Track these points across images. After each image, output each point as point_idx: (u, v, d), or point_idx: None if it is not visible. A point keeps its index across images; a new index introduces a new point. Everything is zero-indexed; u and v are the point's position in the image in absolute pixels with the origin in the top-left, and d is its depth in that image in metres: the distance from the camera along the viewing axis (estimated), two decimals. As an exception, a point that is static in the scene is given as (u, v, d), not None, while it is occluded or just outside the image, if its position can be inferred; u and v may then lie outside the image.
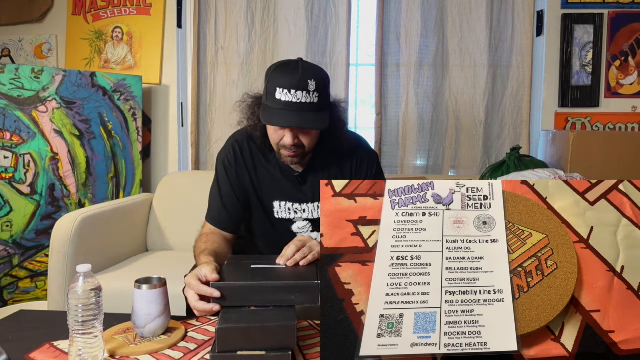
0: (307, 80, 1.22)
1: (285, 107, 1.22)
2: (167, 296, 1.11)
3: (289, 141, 1.26)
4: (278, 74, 1.25)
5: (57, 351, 1.03)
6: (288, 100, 1.22)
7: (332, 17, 2.54)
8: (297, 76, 1.22)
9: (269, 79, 1.26)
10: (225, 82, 2.60)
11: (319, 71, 1.28)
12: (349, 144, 1.42)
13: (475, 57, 2.51)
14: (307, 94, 1.22)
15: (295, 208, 1.42)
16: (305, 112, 1.23)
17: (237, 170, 1.41)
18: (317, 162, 1.40)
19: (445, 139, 2.58)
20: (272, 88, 1.24)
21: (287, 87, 1.21)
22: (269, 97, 1.25)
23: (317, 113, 1.25)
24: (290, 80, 1.22)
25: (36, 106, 2.16)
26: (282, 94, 1.22)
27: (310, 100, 1.23)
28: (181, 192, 2.34)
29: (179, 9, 2.60)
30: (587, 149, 2.02)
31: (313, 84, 1.22)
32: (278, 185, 1.41)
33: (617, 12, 2.44)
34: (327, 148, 1.38)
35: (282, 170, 1.40)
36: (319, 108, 1.25)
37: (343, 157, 1.42)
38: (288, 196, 1.41)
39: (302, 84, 1.21)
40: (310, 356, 1.01)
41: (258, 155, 1.42)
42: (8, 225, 2.12)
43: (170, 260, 2.07)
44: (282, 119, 1.24)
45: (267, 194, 1.42)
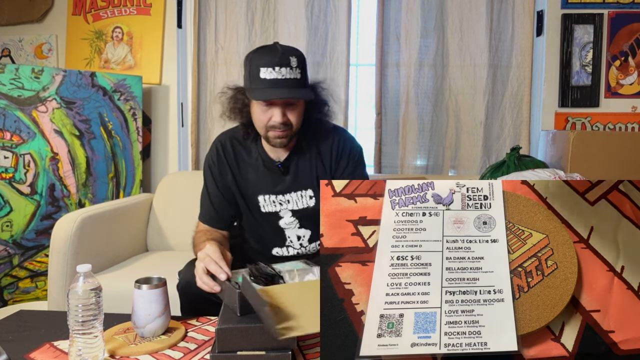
0: (288, 57, 1.27)
1: (271, 85, 1.27)
2: (167, 296, 1.11)
3: (278, 119, 1.30)
4: (259, 55, 1.30)
5: (57, 351, 1.03)
6: (273, 78, 1.26)
7: (332, 17, 2.54)
8: (277, 54, 1.27)
9: (251, 63, 1.31)
10: (225, 82, 2.58)
11: (297, 50, 1.34)
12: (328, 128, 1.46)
13: (475, 57, 2.51)
14: (290, 69, 1.27)
15: (280, 200, 1.44)
16: (292, 88, 1.28)
17: (220, 169, 1.46)
18: (299, 150, 1.43)
19: (445, 139, 2.58)
20: (255, 69, 1.28)
21: (270, 65, 1.26)
22: (252, 79, 1.30)
23: (302, 89, 1.31)
24: (272, 58, 1.27)
25: (36, 106, 2.16)
26: (267, 72, 1.26)
27: (294, 76, 1.28)
28: (181, 192, 2.34)
29: (179, 9, 2.60)
30: (587, 149, 2.02)
31: (294, 60, 1.28)
32: (261, 178, 1.44)
33: (617, 12, 2.44)
34: (308, 134, 1.42)
35: (265, 162, 1.44)
36: (302, 84, 1.31)
37: (322, 143, 1.45)
38: (272, 189, 1.44)
39: (285, 60, 1.27)
40: (310, 356, 1.01)
41: (241, 151, 1.46)
42: (8, 225, 2.12)
43: (170, 260, 2.07)
44: (272, 93, 1.27)
45: (251, 189, 1.45)
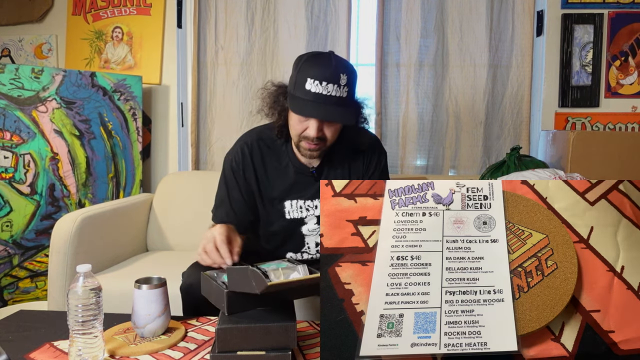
0: (339, 74, 1.21)
1: (314, 99, 1.22)
2: (167, 296, 1.11)
3: (312, 133, 1.26)
4: (310, 65, 1.24)
5: (57, 351, 1.03)
6: (318, 92, 1.21)
7: (332, 17, 2.54)
8: (330, 68, 1.21)
9: (300, 69, 1.25)
10: (225, 82, 2.60)
11: (350, 66, 1.28)
12: (366, 141, 1.44)
13: (475, 57, 2.51)
14: (338, 87, 1.22)
15: (308, 205, 1.41)
16: (334, 106, 1.23)
17: (245, 174, 1.40)
18: (333, 157, 1.40)
19: (445, 139, 2.58)
20: (303, 78, 1.23)
21: (319, 78, 1.21)
22: (297, 87, 1.25)
23: (344, 108, 1.25)
24: (322, 72, 1.21)
25: (36, 106, 2.16)
26: (313, 85, 1.21)
27: (340, 94, 1.22)
28: (181, 192, 2.34)
29: (179, 9, 2.60)
30: (587, 149, 2.02)
31: (345, 78, 1.22)
32: (291, 183, 1.40)
33: (617, 12, 2.44)
34: (344, 144, 1.39)
35: (296, 167, 1.40)
36: (346, 103, 1.25)
37: (357, 154, 1.43)
38: (301, 193, 1.40)
39: (334, 77, 1.21)
40: (310, 356, 1.01)
41: (269, 155, 1.41)
42: (8, 225, 2.12)
43: (170, 260, 2.07)
44: (312, 110, 1.23)
45: (278, 194, 1.40)
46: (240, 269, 0.97)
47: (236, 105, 2.59)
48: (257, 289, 0.93)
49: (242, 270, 0.96)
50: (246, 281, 0.95)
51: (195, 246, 2.29)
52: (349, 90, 1.24)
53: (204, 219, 1.52)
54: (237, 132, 2.53)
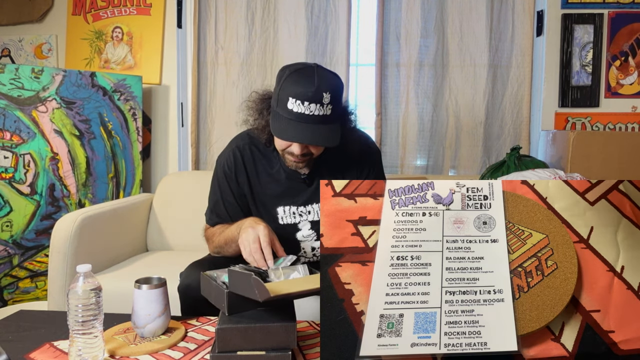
0: (322, 93, 1.18)
1: (296, 119, 1.19)
2: (167, 296, 1.11)
3: (297, 151, 1.24)
4: (292, 82, 1.20)
5: (57, 351, 1.03)
6: (300, 112, 1.18)
7: (332, 17, 2.54)
8: (311, 88, 1.17)
9: (282, 86, 1.22)
10: (225, 82, 2.60)
11: (334, 81, 1.23)
12: (357, 145, 1.40)
13: (475, 57, 2.51)
14: (321, 106, 1.18)
15: (300, 211, 1.39)
16: (317, 125, 1.19)
17: (237, 178, 1.39)
18: (324, 163, 1.38)
19: (445, 139, 2.58)
20: (285, 96, 1.20)
21: (300, 98, 1.17)
22: (279, 103, 1.22)
23: (329, 125, 1.22)
24: (304, 91, 1.17)
25: (36, 106, 2.16)
26: (295, 104, 1.18)
27: (323, 113, 1.19)
28: (181, 192, 2.34)
29: (179, 9, 2.60)
30: (587, 149, 2.02)
31: (328, 96, 1.18)
32: (283, 189, 1.38)
33: (617, 12, 2.44)
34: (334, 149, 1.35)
35: (288, 174, 1.38)
36: (331, 120, 1.22)
37: (349, 158, 1.41)
38: (293, 200, 1.39)
39: (317, 97, 1.17)
40: (310, 356, 1.01)
41: (261, 160, 1.39)
42: (8, 225, 2.12)
43: (170, 260, 2.07)
44: (292, 133, 1.20)
45: (270, 200, 1.39)
46: (242, 275, 0.97)
47: (236, 105, 2.59)
48: (259, 297, 0.92)
49: (244, 276, 0.96)
50: (248, 288, 0.95)
51: (195, 246, 2.30)
52: (333, 106, 1.21)
53: (204, 219, 1.52)
54: (237, 132, 2.53)
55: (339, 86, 1.24)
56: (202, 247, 2.10)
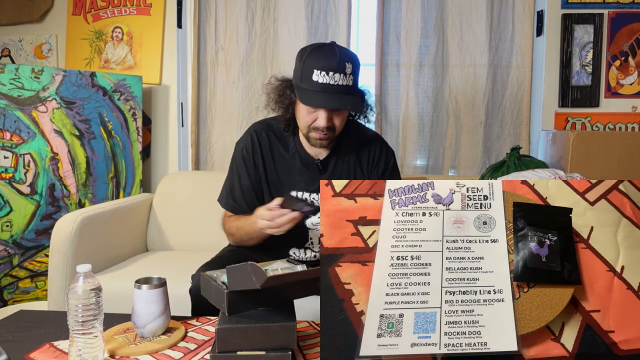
0: (344, 63, 1.24)
1: (323, 90, 1.25)
2: (167, 296, 1.11)
3: (322, 123, 1.29)
4: (315, 56, 1.27)
5: (57, 351, 1.03)
6: (326, 83, 1.24)
7: (332, 17, 2.54)
8: (335, 59, 1.24)
9: (305, 61, 1.28)
10: (225, 82, 2.60)
11: (354, 55, 1.31)
12: (371, 135, 1.47)
13: (475, 57, 2.51)
14: (344, 76, 1.24)
15: (313, 197, 1.42)
16: (342, 95, 1.26)
17: (254, 161, 1.43)
18: (338, 151, 1.43)
19: (445, 139, 2.58)
20: (309, 70, 1.26)
21: (325, 69, 1.24)
22: (304, 79, 1.28)
23: (352, 96, 1.29)
24: (328, 62, 1.24)
25: (36, 106, 2.16)
26: (320, 76, 1.24)
27: (347, 83, 1.25)
28: (181, 192, 2.34)
29: (179, 9, 2.60)
30: (587, 149, 2.02)
31: (350, 66, 1.25)
32: (297, 175, 1.42)
33: (617, 12, 2.44)
34: (350, 136, 1.42)
35: (302, 159, 1.42)
36: (353, 91, 1.29)
37: (362, 148, 1.46)
38: (307, 186, 1.42)
39: (340, 67, 1.24)
40: (310, 356, 1.01)
41: (277, 144, 1.44)
42: (8, 225, 2.12)
43: (170, 260, 2.07)
44: (323, 101, 1.26)
45: (284, 185, 1.43)
46: (239, 266, 0.97)
47: (236, 105, 2.59)
48: (257, 283, 0.93)
49: (241, 266, 0.97)
50: (246, 277, 0.95)
51: (195, 246, 2.30)
52: (354, 78, 1.28)
53: (204, 219, 1.52)
54: (237, 132, 2.53)
55: (358, 60, 1.32)
56: (202, 247, 2.11)
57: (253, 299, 1.00)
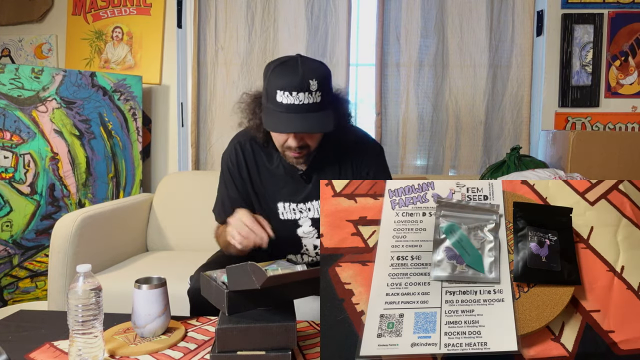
0: (308, 81, 1.17)
1: (287, 110, 1.18)
2: (167, 296, 1.11)
3: (293, 144, 1.25)
4: (277, 75, 1.20)
5: (57, 351, 1.03)
6: (290, 103, 1.18)
7: (332, 17, 2.54)
8: (297, 77, 1.17)
9: (268, 80, 1.22)
10: (225, 82, 2.60)
11: (320, 69, 1.23)
12: (353, 139, 1.40)
13: (475, 57, 2.51)
14: (310, 94, 1.17)
15: (300, 208, 1.40)
16: (309, 113, 1.19)
17: (240, 172, 1.40)
18: (321, 159, 1.38)
19: (445, 139, 2.58)
20: (273, 90, 1.19)
21: (288, 89, 1.17)
22: (269, 99, 1.22)
23: (320, 113, 1.21)
24: (290, 81, 1.17)
25: (36, 106, 2.16)
26: (284, 96, 1.17)
27: (313, 101, 1.18)
28: (181, 192, 2.34)
29: (179, 9, 2.60)
30: (587, 149, 2.02)
31: (315, 83, 1.18)
32: (282, 185, 1.39)
33: (617, 12, 2.44)
34: (331, 144, 1.36)
35: (286, 169, 1.39)
36: (322, 107, 1.21)
37: (346, 153, 1.40)
38: (293, 196, 1.39)
39: (304, 85, 1.17)
40: (310, 356, 1.01)
41: (261, 156, 1.40)
42: (8, 225, 2.12)
43: (170, 260, 2.07)
44: (286, 125, 1.20)
45: (270, 195, 1.40)
46: (239, 266, 0.97)
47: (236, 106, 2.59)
48: (257, 283, 0.93)
49: (241, 266, 0.96)
50: (246, 277, 0.95)
51: (195, 246, 2.30)
52: (322, 93, 1.20)
53: (204, 219, 1.52)
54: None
55: (325, 73, 1.24)
56: (202, 247, 2.10)
57: (253, 299, 1.00)
